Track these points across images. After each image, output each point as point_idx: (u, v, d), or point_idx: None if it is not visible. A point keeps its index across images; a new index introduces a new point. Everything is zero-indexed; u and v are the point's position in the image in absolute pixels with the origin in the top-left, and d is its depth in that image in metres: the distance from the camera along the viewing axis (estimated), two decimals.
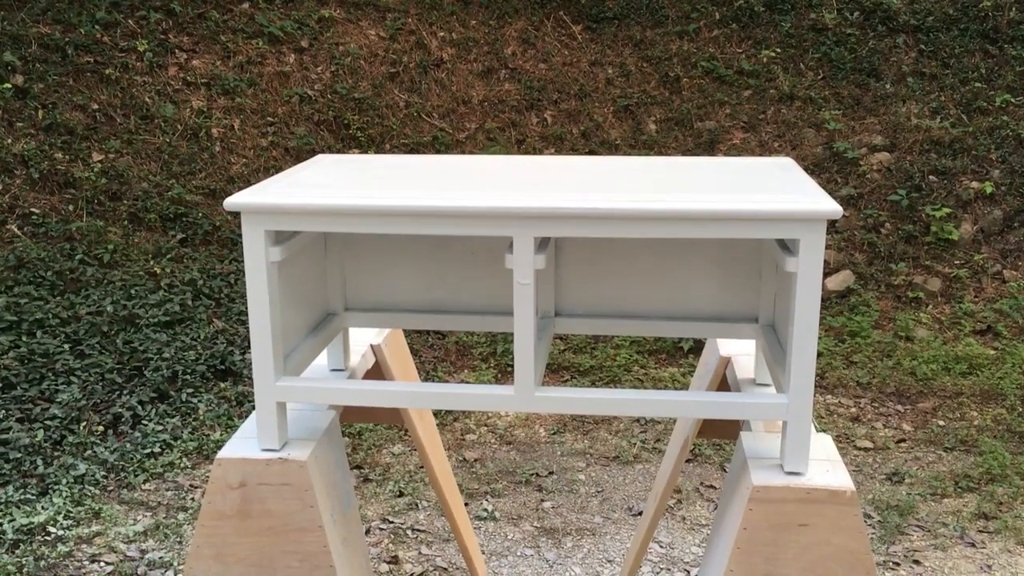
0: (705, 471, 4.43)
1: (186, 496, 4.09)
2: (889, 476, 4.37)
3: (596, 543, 3.85)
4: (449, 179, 2.19)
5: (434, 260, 2.43)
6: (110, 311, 4.99)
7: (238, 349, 5.07)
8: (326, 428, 2.21)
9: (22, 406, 4.38)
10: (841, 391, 5.18)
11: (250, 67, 6.86)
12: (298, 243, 2.14)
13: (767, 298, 2.34)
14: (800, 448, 1.95)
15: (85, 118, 6.14)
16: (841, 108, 7.09)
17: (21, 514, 3.80)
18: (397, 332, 2.84)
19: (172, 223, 5.83)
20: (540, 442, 4.72)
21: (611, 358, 5.44)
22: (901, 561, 3.71)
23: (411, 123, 6.92)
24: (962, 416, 4.91)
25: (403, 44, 7.37)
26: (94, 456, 4.23)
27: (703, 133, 6.99)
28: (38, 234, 5.44)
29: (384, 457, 4.51)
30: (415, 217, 1.93)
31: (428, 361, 5.43)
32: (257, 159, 6.41)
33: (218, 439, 4.48)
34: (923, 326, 5.73)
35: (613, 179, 2.17)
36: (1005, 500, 4.14)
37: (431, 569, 3.67)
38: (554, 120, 7.11)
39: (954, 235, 6.22)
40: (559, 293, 2.45)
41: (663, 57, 7.46)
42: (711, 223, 1.86)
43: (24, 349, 4.63)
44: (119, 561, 3.62)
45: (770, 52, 7.46)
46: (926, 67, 7.28)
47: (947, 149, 6.69)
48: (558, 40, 7.63)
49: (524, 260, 1.92)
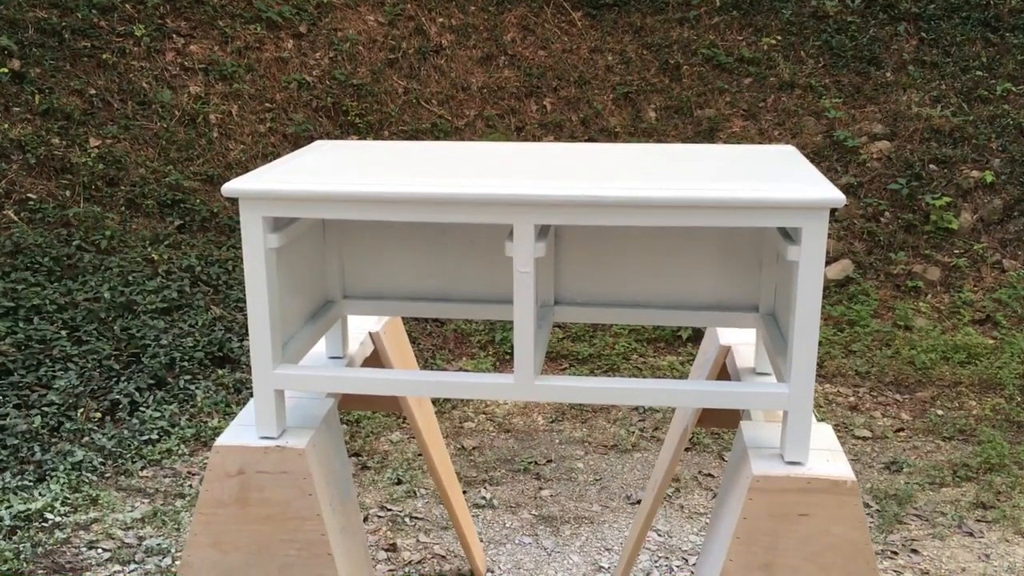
0: (704, 460, 4.43)
1: (184, 483, 4.09)
2: (887, 465, 4.37)
3: (594, 531, 3.85)
4: (448, 166, 2.18)
5: (433, 248, 2.42)
6: (107, 297, 4.97)
7: (236, 336, 5.06)
8: (324, 416, 2.20)
9: (19, 392, 4.37)
10: (840, 380, 5.18)
11: (248, 53, 6.83)
12: (296, 230, 2.13)
13: (768, 287, 2.33)
14: (801, 438, 1.95)
15: (82, 103, 6.11)
16: (842, 96, 7.06)
17: (18, 500, 3.79)
18: (396, 320, 2.83)
19: (170, 209, 5.81)
20: (538, 430, 4.72)
21: (610, 346, 5.43)
22: (899, 550, 3.71)
23: (410, 110, 6.89)
24: (961, 405, 4.90)
25: (402, 30, 7.33)
26: (91, 443, 4.23)
27: (703, 121, 6.97)
28: (35, 220, 5.42)
29: (382, 445, 4.50)
30: (414, 204, 1.92)
31: (426, 349, 5.42)
32: (255, 145, 6.38)
33: (216, 426, 4.47)
34: (922, 315, 5.73)
35: (614, 167, 2.16)
36: (1003, 489, 4.14)
37: (429, 557, 3.67)
38: (553, 107, 7.09)
39: (954, 224, 6.21)
40: (559, 281, 2.44)
41: (663, 44, 7.43)
42: (712, 211, 1.85)
43: (21, 335, 4.62)
44: (117, 548, 3.62)
45: (771, 40, 7.43)
46: (927, 55, 7.26)
47: (947, 138, 6.67)
48: (558, 27, 7.60)
49: (524, 248, 1.91)
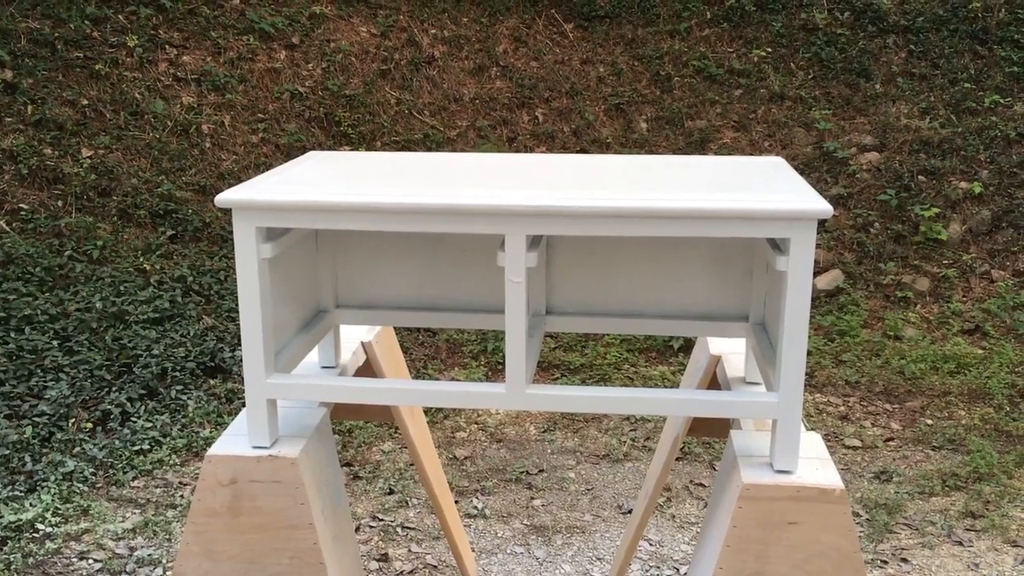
0: (695, 469, 4.44)
1: (175, 493, 4.08)
2: (877, 475, 4.39)
3: (586, 541, 3.85)
4: (441, 176, 2.19)
5: (425, 258, 2.43)
6: (99, 307, 4.97)
7: (228, 346, 5.06)
8: (317, 425, 2.20)
9: (10, 403, 4.36)
10: (830, 390, 5.20)
11: (241, 63, 6.84)
12: (289, 240, 2.14)
13: (758, 297, 2.35)
14: (790, 446, 1.96)
15: (75, 114, 6.12)
16: (831, 108, 7.11)
17: (9, 511, 3.78)
18: (388, 330, 2.84)
19: (162, 219, 5.81)
20: (530, 440, 4.72)
21: (601, 356, 5.45)
22: (889, 559, 3.72)
23: (402, 120, 6.91)
24: (950, 415, 4.93)
25: (394, 41, 7.36)
26: (83, 453, 4.22)
27: (694, 132, 7.01)
28: (27, 230, 5.41)
29: (374, 455, 4.50)
30: (407, 214, 1.93)
31: (419, 359, 5.43)
32: (247, 156, 6.39)
33: (208, 436, 4.47)
34: (912, 325, 5.76)
35: (605, 177, 2.17)
36: (992, 499, 4.16)
37: (421, 567, 3.67)
38: (545, 118, 7.11)
39: (943, 235, 6.25)
40: (550, 291, 2.45)
41: (654, 56, 7.47)
42: (702, 222, 1.87)
43: (12, 345, 4.61)
44: (108, 558, 3.61)
45: (761, 51, 7.48)
46: (916, 67, 7.31)
47: (936, 149, 6.72)
48: (550, 38, 7.63)
49: (516, 258, 1.92)
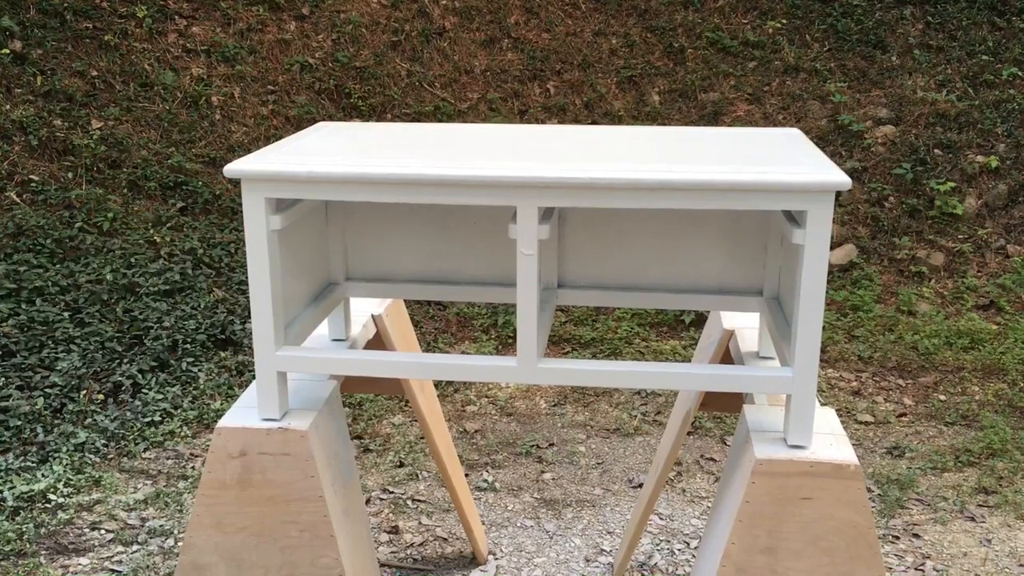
0: (706, 444, 4.43)
1: (186, 465, 4.10)
2: (890, 450, 4.37)
3: (596, 514, 3.85)
4: (452, 148, 2.17)
5: (436, 230, 2.41)
6: (110, 279, 4.97)
7: (238, 319, 5.06)
8: (327, 398, 2.20)
9: (22, 374, 4.37)
10: (843, 365, 5.17)
11: (250, 34, 6.79)
12: (299, 211, 2.12)
13: (772, 271, 2.32)
14: (804, 421, 1.94)
15: (84, 85, 6.09)
16: (847, 80, 7.03)
17: (21, 481, 3.80)
18: (398, 302, 2.83)
19: (172, 191, 5.80)
20: (540, 414, 4.72)
21: (612, 330, 5.43)
22: (901, 535, 3.71)
23: (413, 92, 6.86)
24: (963, 391, 4.90)
25: (405, 12, 7.29)
26: (94, 424, 4.23)
27: (707, 105, 6.94)
28: (37, 201, 5.41)
29: (385, 427, 4.51)
30: (417, 186, 1.91)
31: (429, 332, 5.42)
32: (257, 127, 6.36)
33: (218, 408, 4.48)
34: (925, 300, 5.71)
35: (618, 149, 2.14)
36: (1005, 475, 4.14)
37: (431, 539, 3.68)
38: (557, 90, 7.05)
39: (958, 209, 6.19)
40: (562, 264, 2.43)
41: (667, 27, 7.39)
42: (718, 194, 1.84)
43: (24, 317, 4.62)
44: (119, 529, 3.63)
45: (776, 23, 7.39)
46: (933, 39, 7.21)
47: (952, 123, 6.64)
48: (561, 9, 7.55)
49: (528, 230, 1.90)
